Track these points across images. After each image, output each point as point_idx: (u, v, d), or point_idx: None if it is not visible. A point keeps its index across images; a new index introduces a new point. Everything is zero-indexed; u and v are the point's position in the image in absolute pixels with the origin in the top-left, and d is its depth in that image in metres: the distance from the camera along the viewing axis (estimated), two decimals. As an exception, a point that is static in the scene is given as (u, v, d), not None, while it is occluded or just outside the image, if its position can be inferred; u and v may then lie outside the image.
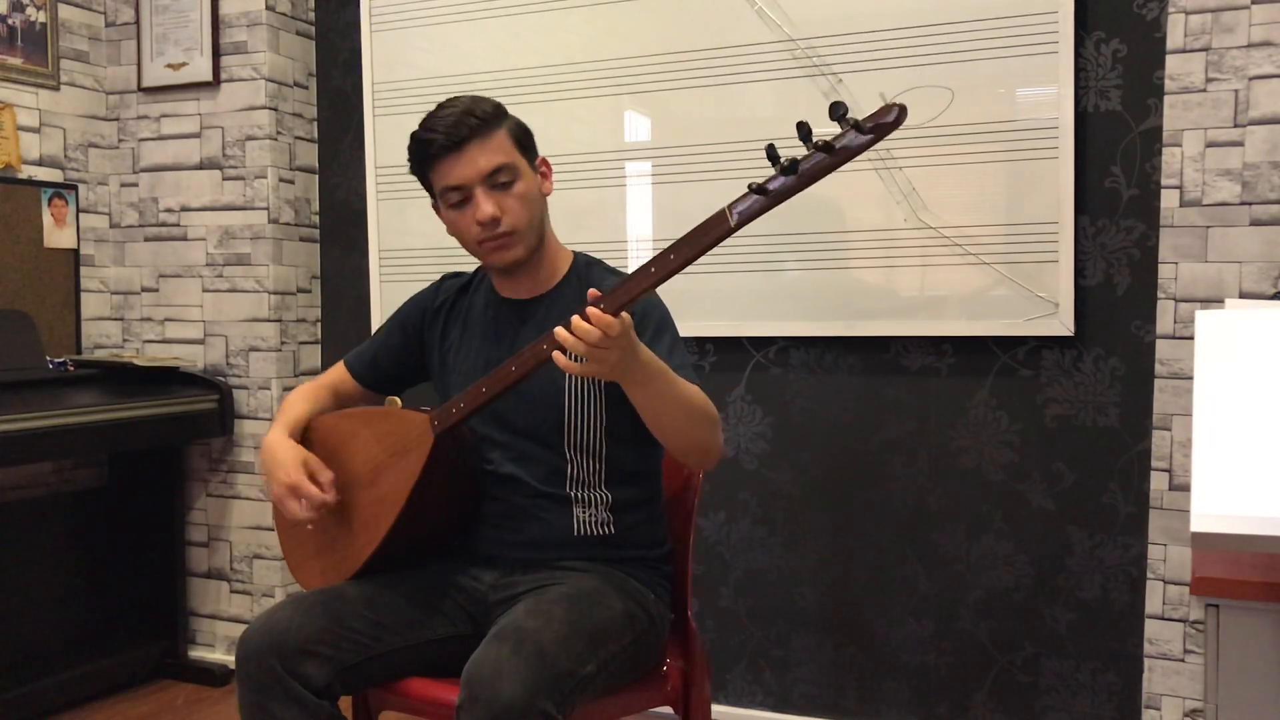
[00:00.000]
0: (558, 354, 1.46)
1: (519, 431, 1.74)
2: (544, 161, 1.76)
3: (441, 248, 2.73)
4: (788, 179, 1.33)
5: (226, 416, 2.99)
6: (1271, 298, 2.03)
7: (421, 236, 2.89)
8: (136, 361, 2.91)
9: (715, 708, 2.57)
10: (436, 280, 1.91)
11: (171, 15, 3.05)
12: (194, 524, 3.13)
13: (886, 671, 2.55)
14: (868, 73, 2.42)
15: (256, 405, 3.04)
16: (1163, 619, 2.20)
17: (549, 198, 1.77)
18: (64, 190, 3.04)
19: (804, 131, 1.30)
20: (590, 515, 1.73)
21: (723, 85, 2.56)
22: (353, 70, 3.05)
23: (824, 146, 1.30)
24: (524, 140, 1.72)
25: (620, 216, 2.70)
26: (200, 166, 3.07)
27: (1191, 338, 2.00)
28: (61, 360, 2.88)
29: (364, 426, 1.74)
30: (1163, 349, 2.17)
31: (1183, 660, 2.18)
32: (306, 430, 1.82)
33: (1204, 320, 1.31)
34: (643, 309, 1.68)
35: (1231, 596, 1.19)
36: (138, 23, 3.10)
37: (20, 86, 2.93)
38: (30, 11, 2.95)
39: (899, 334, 2.47)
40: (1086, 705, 2.39)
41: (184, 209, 3.10)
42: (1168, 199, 2.15)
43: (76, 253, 3.09)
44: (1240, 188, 2.09)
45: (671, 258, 1.40)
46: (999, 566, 2.44)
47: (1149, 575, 2.22)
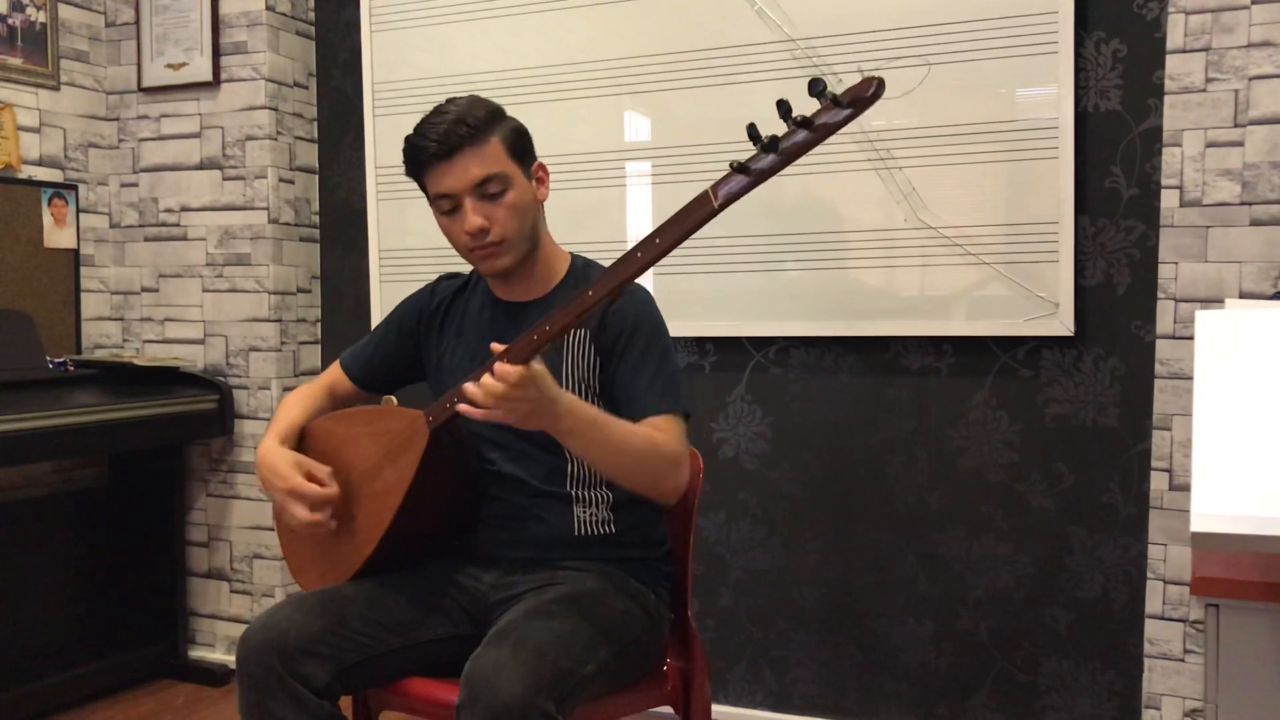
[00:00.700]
0: (463, 405, 1.46)
1: (519, 431, 1.73)
2: (541, 166, 1.74)
3: (441, 247, 2.69)
4: (770, 156, 1.33)
5: (226, 416, 2.99)
6: (1271, 298, 2.03)
7: (421, 236, 2.89)
8: (136, 361, 2.91)
9: (715, 708, 2.57)
10: (432, 281, 1.90)
11: (171, 15, 3.05)
12: (194, 524, 3.13)
13: (886, 671, 2.55)
14: (868, 73, 2.42)
15: (256, 405, 3.04)
16: (1163, 619, 2.20)
17: (547, 199, 1.76)
18: (64, 190, 3.04)
19: (784, 109, 1.31)
20: (591, 514, 1.73)
21: (723, 85, 2.56)
22: (353, 70, 3.05)
23: (803, 122, 1.31)
24: (519, 147, 1.69)
25: (620, 216, 2.70)
26: (200, 166, 3.07)
27: (1191, 338, 2.00)
28: (61, 360, 2.88)
29: (360, 427, 1.74)
30: (1163, 349, 2.17)
31: (1183, 660, 2.18)
32: (302, 435, 1.81)
33: (1204, 320, 1.31)
34: (634, 321, 1.68)
35: (1231, 596, 1.19)
36: (138, 23, 3.10)
37: (20, 86, 2.93)
38: (30, 11, 2.95)
39: (899, 334, 2.47)
40: (1086, 705, 2.39)
41: (184, 209, 3.10)
42: (1168, 199, 2.15)
43: (76, 253, 3.09)
44: (1240, 188, 2.09)
45: (657, 241, 1.39)
46: (999, 566, 2.44)
47: (1149, 575, 2.22)
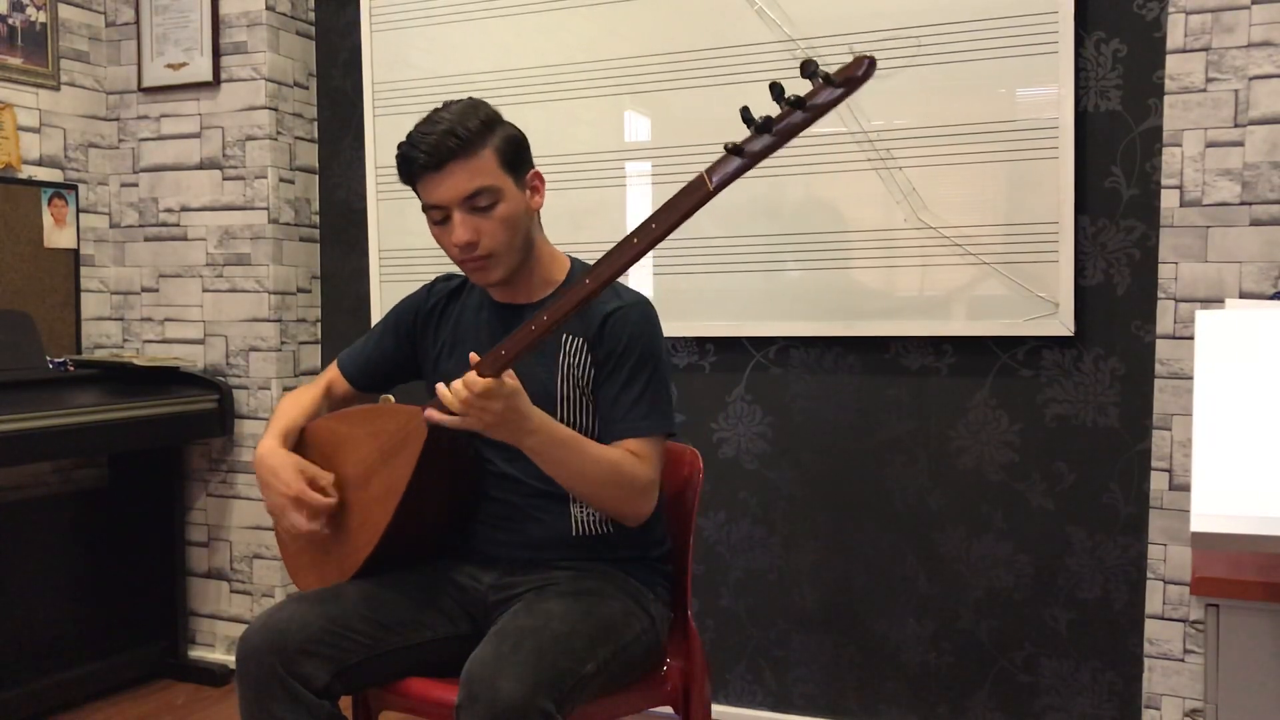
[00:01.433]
0: (431, 411, 1.52)
1: None
2: (536, 174, 1.71)
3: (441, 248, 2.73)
4: (764, 137, 1.33)
5: (226, 416, 2.99)
6: (1271, 298, 2.03)
7: (421, 236, 2.88)
8: (136, 361, 2.91)
9: (715, 708, 2.57)
10: (428, 283, 1.90)
11: (171, 15, 3.05)
12: (194, 524, 3.13)
13: (886, 671, 2.54)
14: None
15: (256, 405, 3.04)
16: (1163, 619, 2.20)
17: (543, 205, 1.74)
18: (64, 190, 3.04)
19: (777, 91, 1.31)
20: (589, 514, 1.72)
21: (723, 85, 2.56)
22: (353, 70, 3.05)
23: (796, 103, 1.31)
24: (512, 157, 1.66)
25: (620, 216, 2.70)
26: (200, 166, 3.07)
27: (1191, 338, 1.99)
28: (61, 360, 2.88)
29: (358, 427, 1.74)
30: (1163, 349, 2.17)
31: (1183, 660, 2.18)
32: (301, 435, 1.81)
33: (1204, 320, 1.31)
34: (629, 338, 1.68)
35: (1231, 596, 1.19)
36: (138, 23, 3.10)
37: (20, 86, 2.93)
38: (30, 11, 2.95)
39: (899, 334, 2.47)
40: (1086, 705, 2.39)
41: (184, 209, 3.10)
42: (1168, 199, 2.15)
43: (76, 253, 3.09)
44: (1240, 188, 2.08)
45: (653, 226, 1.40)
46: (999, 566, 2.44)
47: (1149, 575, 2.22)
